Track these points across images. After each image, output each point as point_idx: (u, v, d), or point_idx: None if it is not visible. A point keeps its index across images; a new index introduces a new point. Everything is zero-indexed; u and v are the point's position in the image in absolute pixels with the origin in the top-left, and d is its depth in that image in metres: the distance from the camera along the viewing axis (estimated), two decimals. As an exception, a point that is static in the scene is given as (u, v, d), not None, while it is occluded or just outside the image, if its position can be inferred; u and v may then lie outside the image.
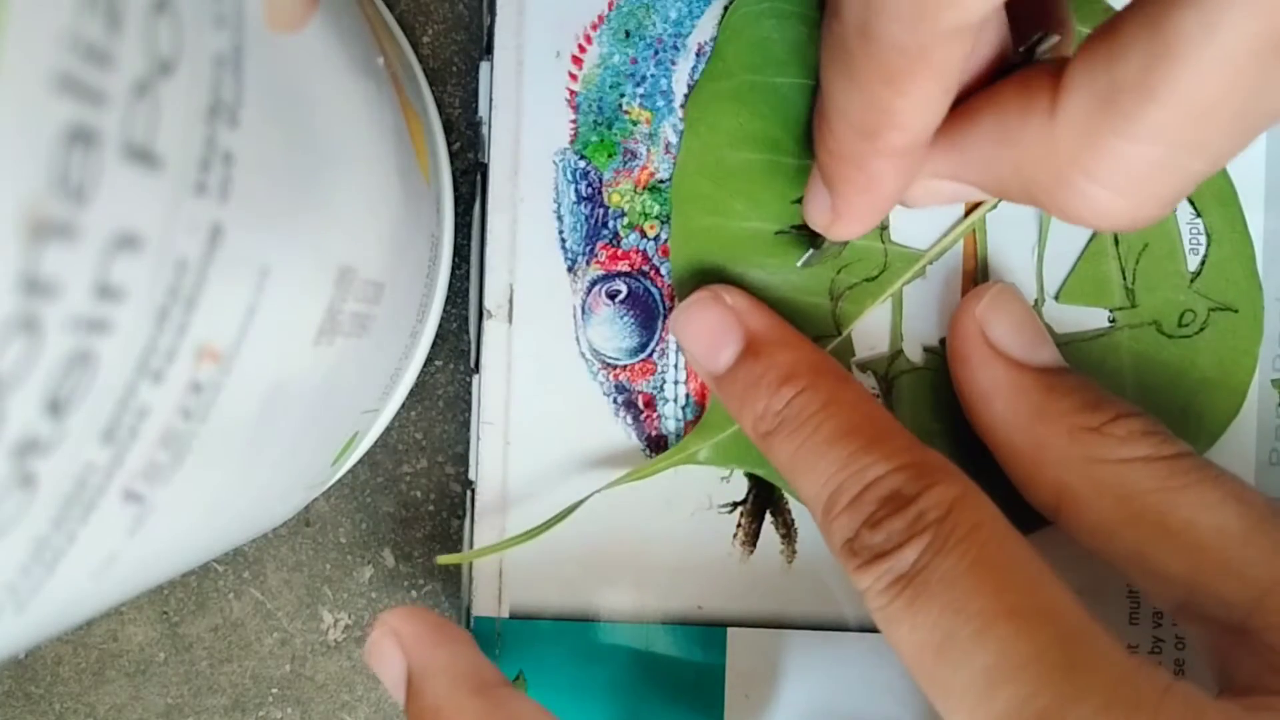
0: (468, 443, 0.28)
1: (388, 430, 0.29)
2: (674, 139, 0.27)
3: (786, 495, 0.27)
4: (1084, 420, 0.22)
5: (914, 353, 0.27)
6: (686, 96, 0.27)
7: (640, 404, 0.28)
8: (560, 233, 0.27)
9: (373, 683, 0.30)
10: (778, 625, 0.27)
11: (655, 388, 0.28)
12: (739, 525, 0.28)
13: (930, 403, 0.27)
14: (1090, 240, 0.27)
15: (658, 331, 0.28)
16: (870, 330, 0.27)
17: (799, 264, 0.26)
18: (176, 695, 0.30)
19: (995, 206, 0.27)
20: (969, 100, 0.20)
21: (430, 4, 0.29)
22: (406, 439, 0.30)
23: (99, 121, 0.11)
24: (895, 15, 0.17)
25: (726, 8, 0.27)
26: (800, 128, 0.26)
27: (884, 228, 0.27)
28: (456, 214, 0.29)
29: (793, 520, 0.27)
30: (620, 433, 0.28)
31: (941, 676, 0.19)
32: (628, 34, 0.27)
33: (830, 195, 0.22)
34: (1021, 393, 0.23)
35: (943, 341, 0.27)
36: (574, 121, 0.27)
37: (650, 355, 0.28)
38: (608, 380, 0.28)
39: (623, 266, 0.27)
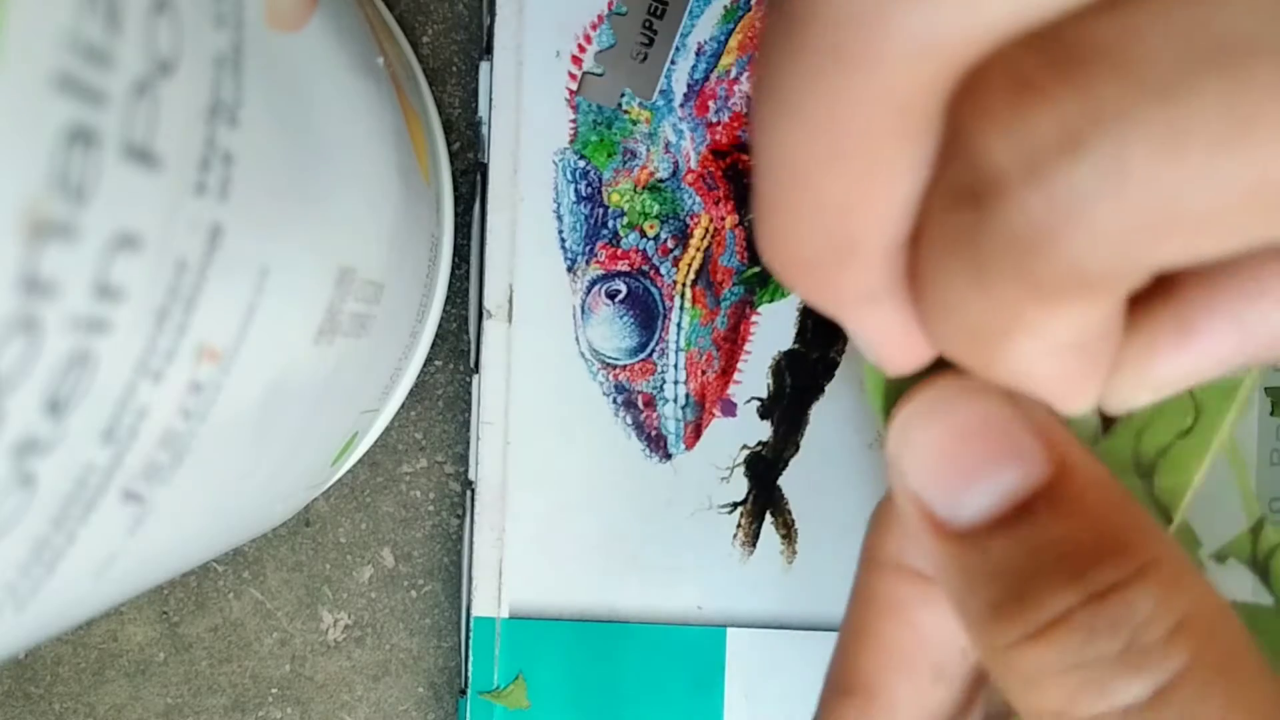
0: (468, 443, 0.28)
1: (388, 430, 0.29)
2: (673, 138, 0.27)
3: (787, 495, 0.27)
4: (994, 635, 0.13)
5: None
6: (685, 96, 0.27)
7: (640, 404, 0.28)
8: (560, 232, 0.27)
9: (372, 683, 0.30)
10: (778, 626, 0.27)
11: (655, 388, 0.28)
12: (739, 525, 0.28)
13: None
14: None
15: (657, 331, 0.28)
16: (1211, 505, 0.18)
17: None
18: (176, 695, 0.30)
19: None
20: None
21: (430, 4, 0.29)
22: (406, 439, 0.30)
23: (99, 121, 0.11)
24: None
25: (726, 8, 0.27)
26: None
27: None
28: (456, 214, 0.29)
29: (793, 520, 0.27)
30: (620, 432, 0.28)
31: None
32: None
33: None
34: (944, 582, 0.14)
35: None
36: (574, 121, 0.27)
37: (650, 355, 0.28)
38: (607, 380, 0.28)
39: (622, 266, 0.27)
